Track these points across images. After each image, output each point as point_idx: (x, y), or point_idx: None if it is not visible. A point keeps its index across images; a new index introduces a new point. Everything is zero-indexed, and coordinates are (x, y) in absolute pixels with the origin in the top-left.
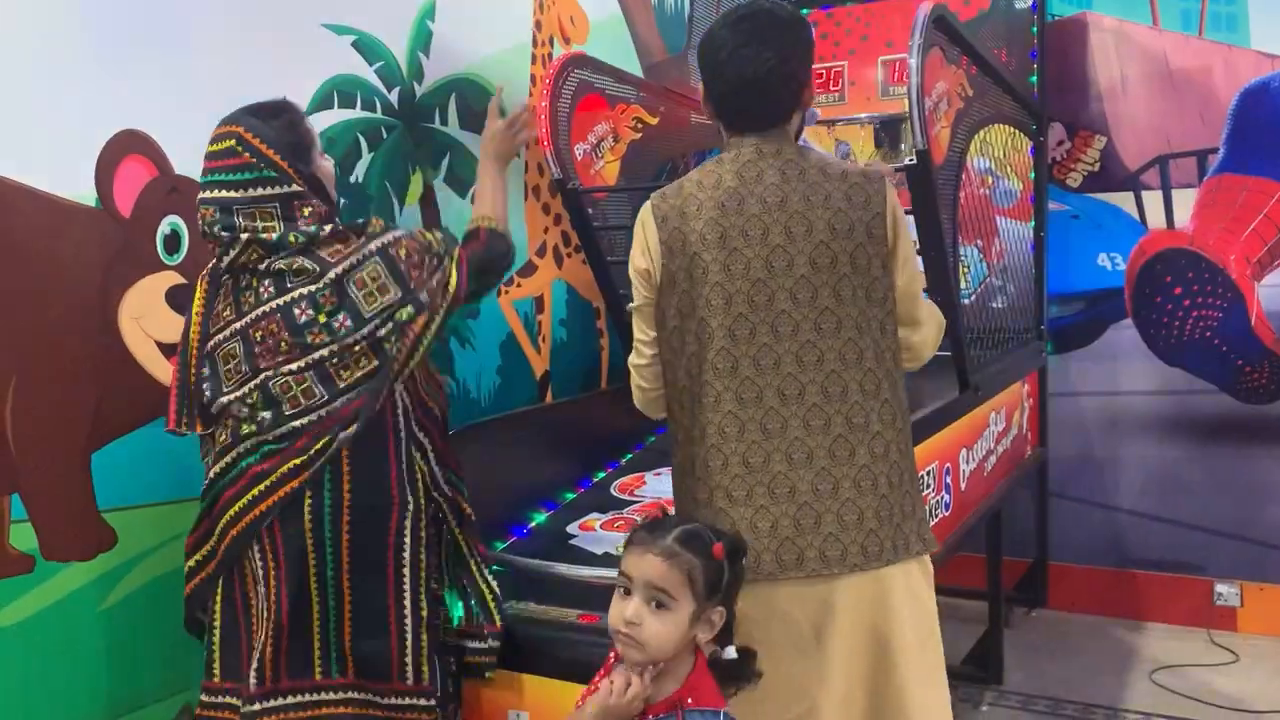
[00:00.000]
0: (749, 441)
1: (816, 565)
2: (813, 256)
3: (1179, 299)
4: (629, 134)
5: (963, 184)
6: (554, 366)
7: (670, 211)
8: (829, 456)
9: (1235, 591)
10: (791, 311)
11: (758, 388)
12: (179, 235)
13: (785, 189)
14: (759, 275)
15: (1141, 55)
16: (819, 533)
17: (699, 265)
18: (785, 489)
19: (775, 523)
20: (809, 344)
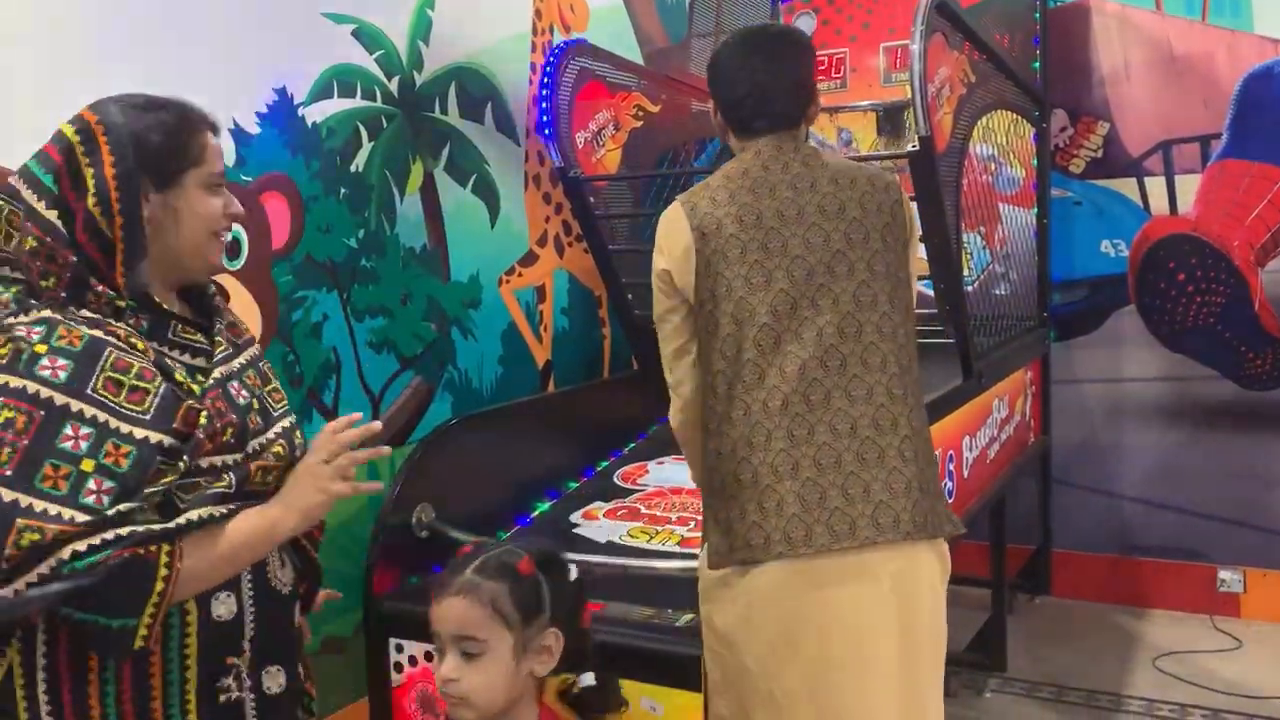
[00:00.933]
0: (793, 414)
1: (870, 533)
2: (847, 233)
3: (1182, 285)
4: (630, 122)
5: (965, 171)
6: (556, 356)
7: (700, 200)
8: (873, 426)
9: (1239, 578)
10: (831, 285)
11: (800, 360)
12: None
13: (813, 174)
14: (798, 252)
15: (1144, 40)
16: (869, 501)
17: (736, 245)
18: (831, 459)
19: (824, 494)
20: (849, 315)
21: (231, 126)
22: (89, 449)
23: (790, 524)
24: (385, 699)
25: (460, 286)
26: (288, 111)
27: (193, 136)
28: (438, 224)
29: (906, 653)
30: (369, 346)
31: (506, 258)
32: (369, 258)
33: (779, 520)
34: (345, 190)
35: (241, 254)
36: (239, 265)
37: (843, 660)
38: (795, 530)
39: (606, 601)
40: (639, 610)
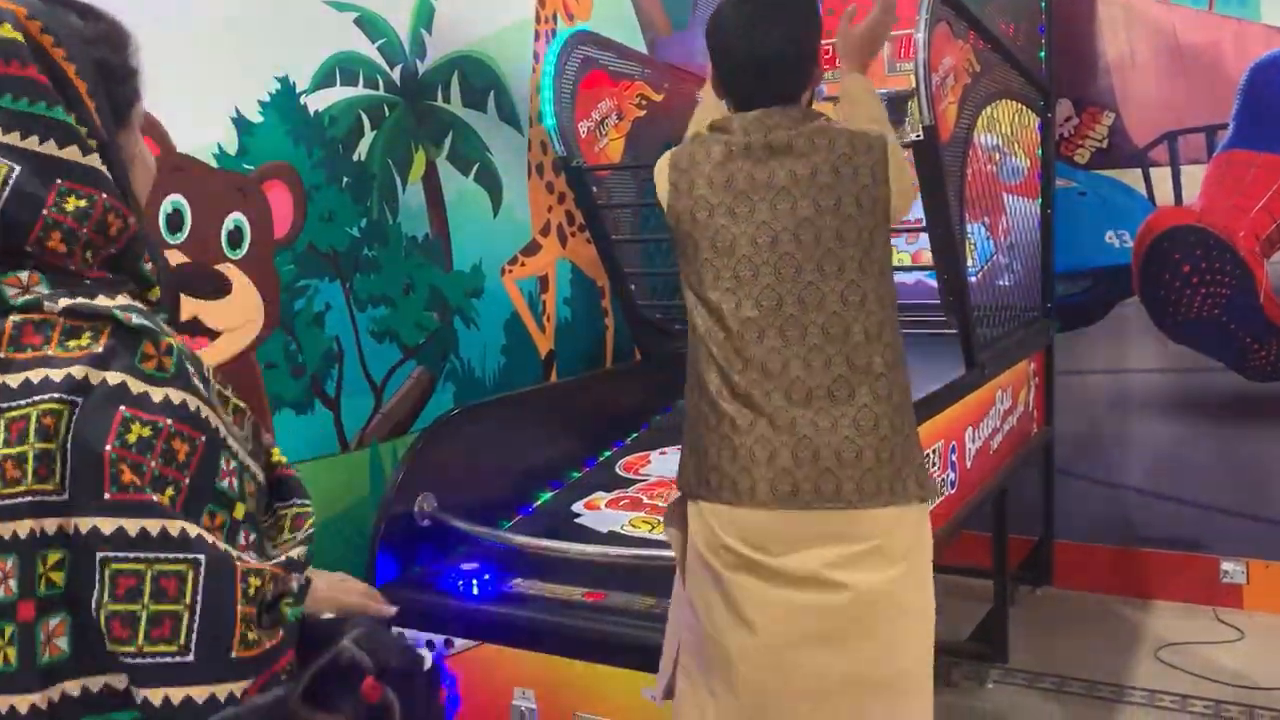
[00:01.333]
0: (750, 378)
1: (810, 498)
2: (816, 199)
3: (1187, 276)
4: (633, 111)
5: (969, 161)
6: (558, 346)
7: (681, 155)
8: (828, 396)
9: (1241, 569)
10: (795, 253)
11: (759, 328)
12: (182, 214)
13: (790, 134)
14: (764, 218)
15: (1151, 30)
16: (816, 466)
17: (704, 207)
18: (786, 421)
19: (774, 452)
20: (811, 285)
21: (234, 115)
22: (238, 491)
23: (740, 474)
24: None
25: (463, 276)
26: (290, 100)
27: (136, 56)
28: (440, 213)
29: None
30: (371, 336)
31: (509, 247)
32: (371, 247)
33: (731, 468)
34: (347, 179)
35: (244, 243)
36: (241, 254)
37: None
38: (742, 481)
39: (607, 592)
40: (640, 600)
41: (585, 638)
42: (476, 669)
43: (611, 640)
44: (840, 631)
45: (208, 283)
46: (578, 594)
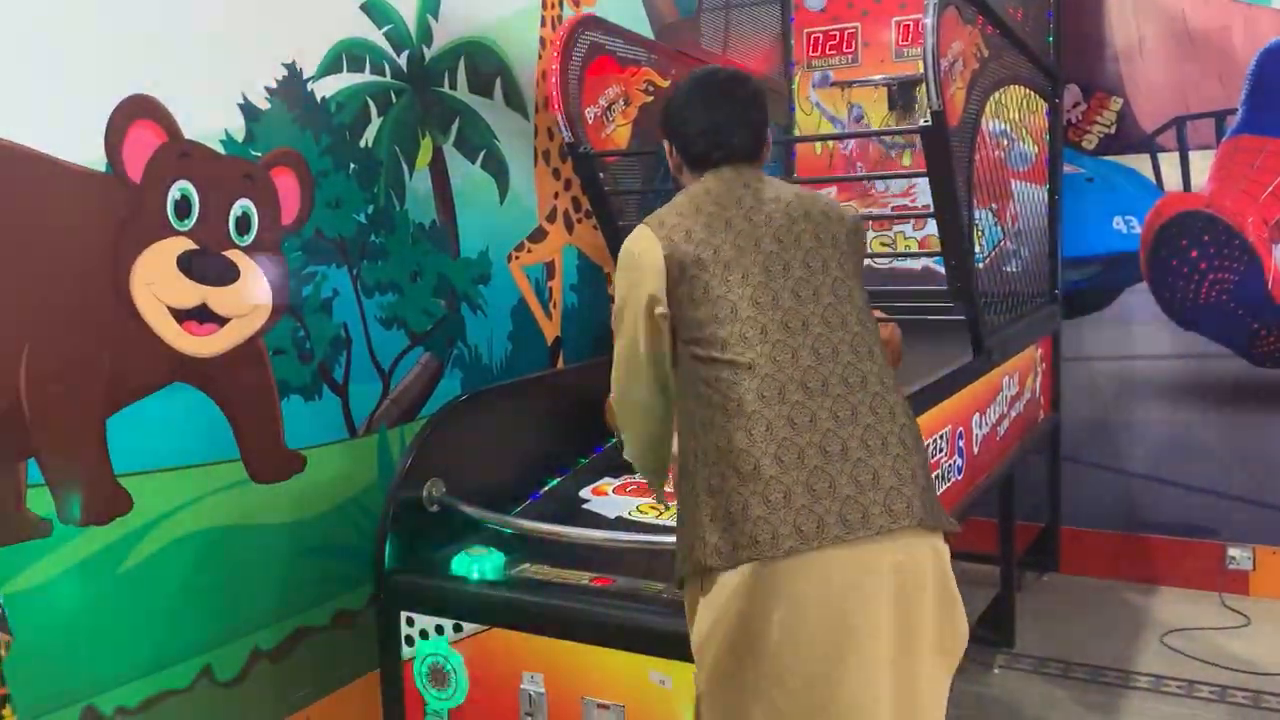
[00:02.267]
0: (792, 403)
1: (884, 521)
2: (815, 232)
3: (1195, 262)
4: (640, 97)
5: (977, 146)
6: (565, 332)
7: (666, 216)
8: (872, 412)
9: (1248, 555)
10: (809, 278)
11: (791, 348)
12: (189, 200)
13: (767, 208)
14: (771, 249)
15: (1159, 15)
16: (879, 488)
17: (708, 248)
18: (837, 447)
19: (833, 482)
20: (831, 307)
21: (241, 101)
22: None
23: (800, 516)
24: (396, 671)
25: (469, 262)
26: (297, 86)
27: None
28: (447, 200)
29: (904, 645)
30: (379, 322)
31: (516, 234)
32: (378, 233)
33: (788, 513)
34: (354, 165)
35: (251, 229)
36: (249, 240)
37: (842, 655)
38: (806, 522)
39: (615, 577)
40: (647, 585)
41: (593, 622)
42: (485, 653)
43: (619, 625)
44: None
45: (215, 269)
46: (585, 579)
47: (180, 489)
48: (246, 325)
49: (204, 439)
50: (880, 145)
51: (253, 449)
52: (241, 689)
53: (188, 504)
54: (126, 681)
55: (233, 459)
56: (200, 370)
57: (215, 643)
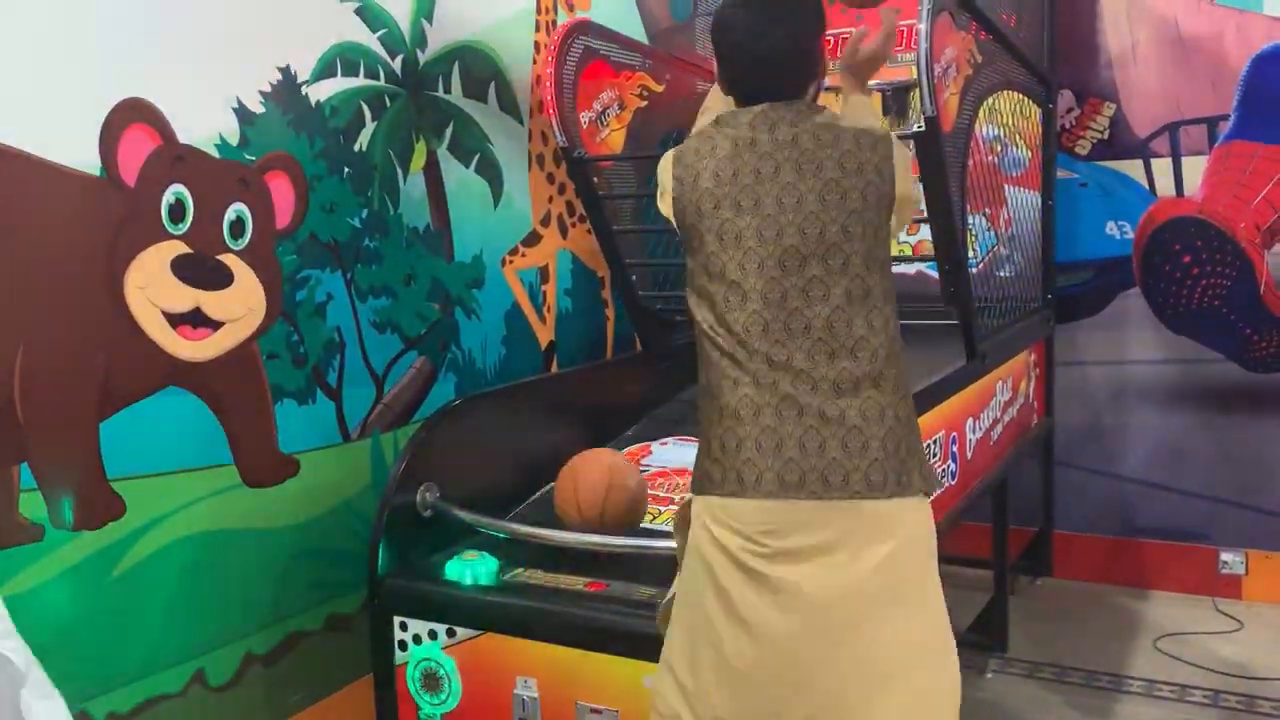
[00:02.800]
0: (752, 371)
1: (818, 488)
2: (822, 193)
3: (1187, 267)
4: (635, 102)
5: (971, 152)
6: (559, 336)
7: (686, 150)
8: (833, 388)
9: (1241, 560)
10: (800, 247)
11: (763, 321)
12: (184, 204)
13: (797, 129)
14: (769, 211)
15: (1152, 21)
16: (823, 457)
17: (709, 199)
18: (792, 412)
19: (780, 443)
20: (816, 279)
21: (235, 105)
22: None
23: (744, 466)
24: (389, 676)
25: (463, 267)
26: (291, 90)
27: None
28: (441, 204)
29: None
30: (373, 326)
31: (510, 238)
32: (372, 237)
33: (735, 460)
34: (348, 169)
35: (245, 233)
36: (243, 244)
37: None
38: (748, 473)
39: (609, 582)
40: (641, 590)
41: (587, 627)
42: (478, 658)
43: (613, 630)
44: (839, 621)
45: (210, 273)
46: (579, 583)
47: (173, 493)
48: (240, 329)
49: (197, 443)
50: None
51: (246, 453)
52: (234, 694)
53: (181, 508)
54: (119, 686)
55: (226, 463)
56: (194, 374)
57: (208, 647)
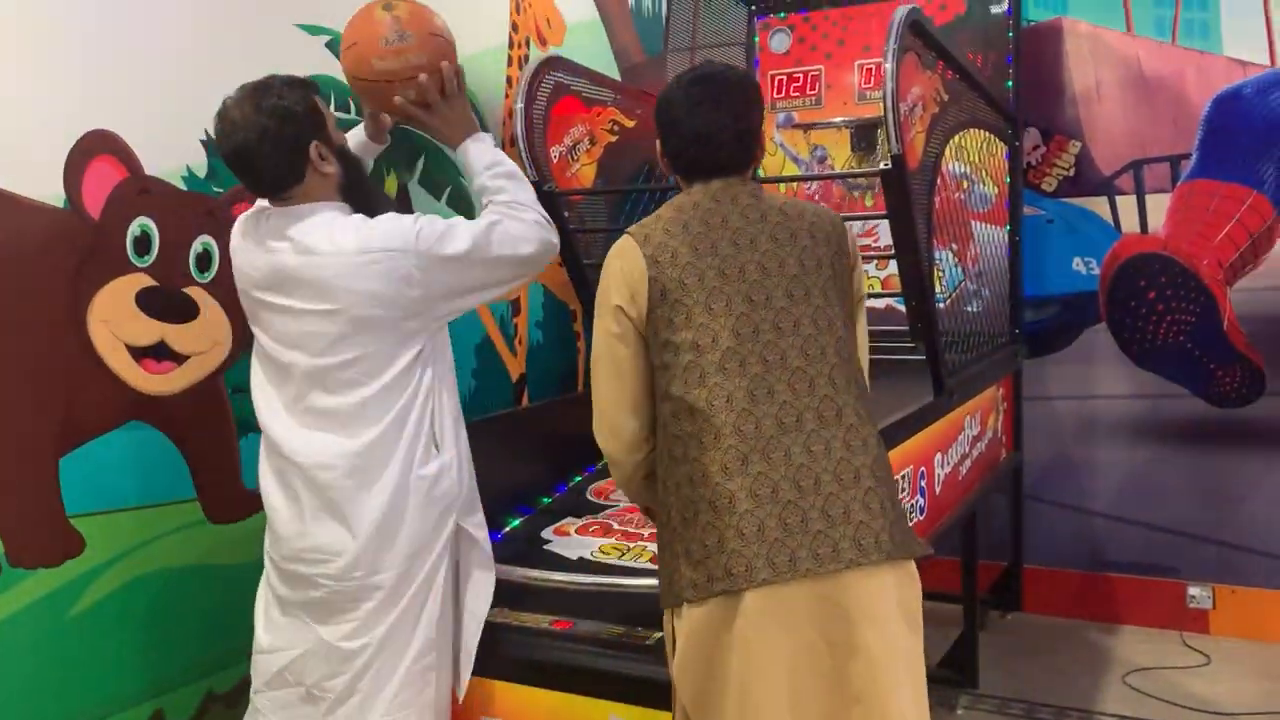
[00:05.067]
0: (766, 438)
1: (853, 554)
2: (800, 258)
3: (1152, 303)
4: (605, 137)
5: (938, 188)
6: (530, 369)
7: (652, 232)
8: (845, 446)
9: (1208, 594)
10: (790, 309)
11: (768, 384)
12: (149, 237)
13: (751, 230)
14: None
15: (1116, 61)
16: (850, 522)
17: (693, 272)
18: (810, 481)
19: (805, 516)
20: (811, 339)
21: (204, 137)
22: None
23: (774, 549)
24: None
25: None
26: None
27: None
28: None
29: (869, 676)
30: None
31: None
32: None
33: (761, 546)
34: None
35: (212, 265)
36: (209, 277)
37: (809, 687)
38: (779, 556)
39: (576, 620)
40: (609, 628)
41: (553, 666)
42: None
43: (579, 669)
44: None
45: (175, 306)
46: (545, 622)
47: (135, 530)
48: (206, 363)
49: (160, 478)
50: (843, 186)
51: (210, 489)
52: None
53: (142, 545)
54: None
55: (189, 499)
56: (157, 408)
57: (168, 686)
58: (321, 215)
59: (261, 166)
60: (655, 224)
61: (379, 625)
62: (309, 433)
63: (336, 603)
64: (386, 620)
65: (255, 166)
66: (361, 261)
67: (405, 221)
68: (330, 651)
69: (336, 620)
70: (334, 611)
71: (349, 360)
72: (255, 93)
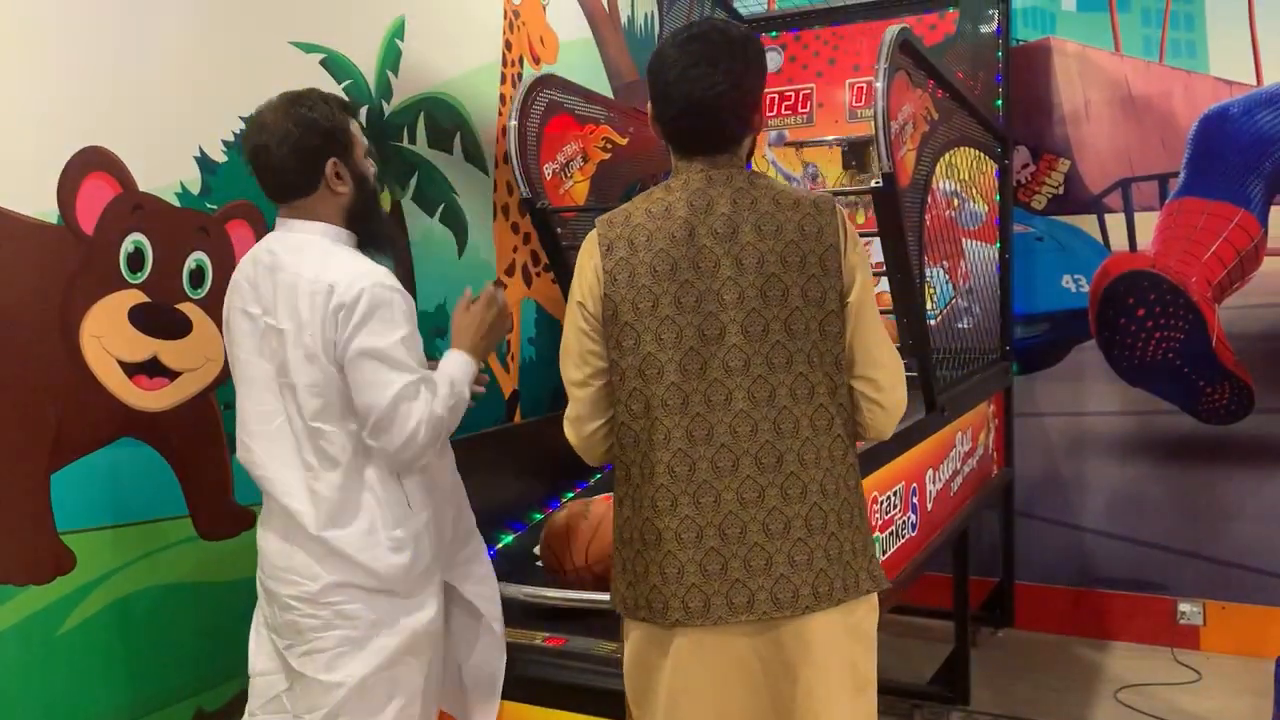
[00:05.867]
0: (699, 481)
1: (768, 608)
2: (764, 289)
3: (1141, 320)
4: (598, 154)
5: (929, 206)
6: (522, 386)
7: (617, 240)
8: (781, 495)
9: (1198, 610)
10: (743, 346)
11: (709, 424)
12: (143, 253)
13: (736, 219)
14: (711, 309)
15: (1104, 80)
16: (770, 574)
17: (648, 297)
18: (736, 530)
19: (725, 564)
20: (760, 379)
21: (197, 154)
22: None
23: (689, 594)
24: None
25: (428, 316)
26: None
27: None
28: (405, 253)
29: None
30: None
31: (474, 287)
32: None
33: (678, 588)
34: None
35: (206, 282)
36: (203, 293)
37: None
38: (693, 600)
39: (568, 637)
40: (601, 645)
41: (546, 683)
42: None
43: (572, 685)
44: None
45: (168, 322)
46: (538, 638)
47: (126, 546)
48: (198, 379)
49: (152, 495)
50: None
51: (202, 505)
52: None
53: (133, 561)
54: None
55: (181, 515)
56: (149, 425)
57: (158, 704)
58: (311, 234)
59: (274, 168)
60: (625, 226)
61: (353, 662)
62: (282, 458)
63: (310, 627)
64: (362, 662)
65: (269, 167)
66: (311, 290)
67: (378, 273)
68: (309, 684)
69: (310, 649)
70: (307, 638)
71: (307, 385)
72: (291, 100)
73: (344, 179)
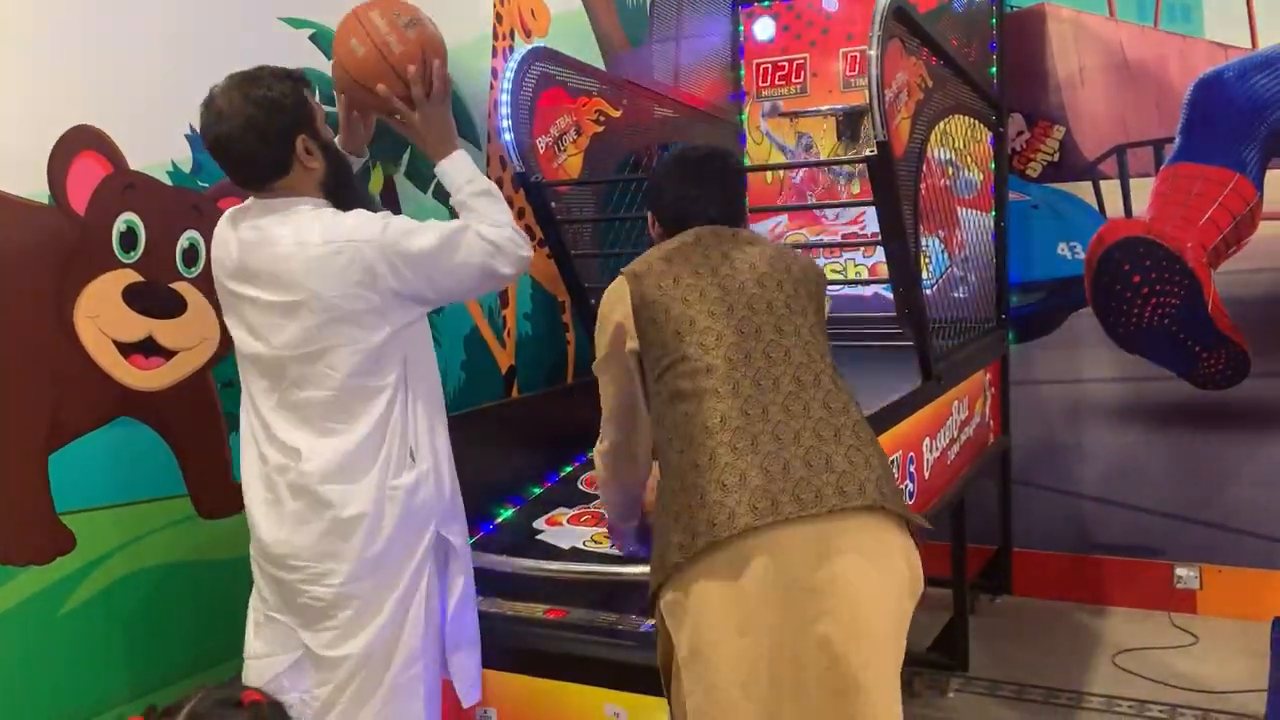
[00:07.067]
0: (744, 396)
1: (836, 500)
2: (788, 301)
3: (1137, 287)
4: (591, 127)
5: (924, 175)
6: (519, 361)
7: (645, 272)
8: (824, 408)
9: (1194, 574)
10: (780, 340)
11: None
12: (135, 232)
13: (743, 258)
14: (743, 314)
15: (1098, 46)
16: (832, 470)
17: (694, 291)
18: (790, 434)
19: (787, 464)
20: (804, 365)
21: (188, 132)
22: None
23: (755, 496)
24: None
25: None
26: None
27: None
28: None
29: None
30: None
31: None
32: None
33: (742, 494)
34: None
35: (199, 261)
36: (196, 272)
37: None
38: (760, 501)
39: (569, 609)
40: (602, 616)
41: (547, 655)
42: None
43: (574, 657)
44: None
45: (162, 302)
46: (539, 611)
47: (125, 526)
48: (194, 358)
49: (149, 474)
50: (829, 173)
51: (200, 484)
52: None
53: (132, 541)
54: None
55: (179, 494)
56: (146, 404)
57: (160, 684)
58: (296, 208)
59: (245, 157)
60: (644, 260)
61: (359, 635)
62: (285, 431)
63: (315, 608)
64: (367, 631)
65: (238, 157)
66: (325, 252)
67: (375, 216)
68: (316, 660)
69: (316, 627)
70: (314, 618)
71: (312, 354)
72: (244, 82)
73: (314, 152)
